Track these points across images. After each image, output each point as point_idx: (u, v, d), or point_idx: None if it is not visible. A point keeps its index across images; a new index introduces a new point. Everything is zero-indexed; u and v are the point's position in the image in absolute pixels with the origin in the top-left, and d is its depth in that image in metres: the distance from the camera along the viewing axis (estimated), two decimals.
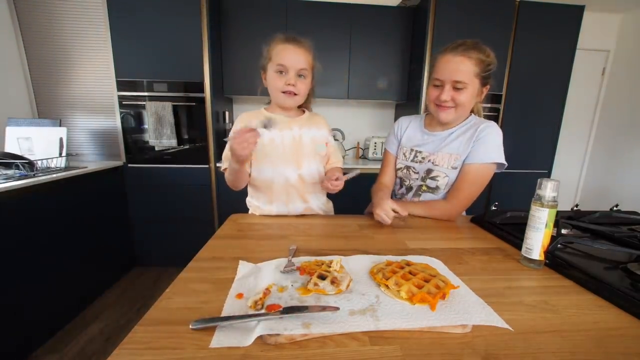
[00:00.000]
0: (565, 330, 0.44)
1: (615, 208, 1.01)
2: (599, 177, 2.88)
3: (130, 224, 2.20)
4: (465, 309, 0.46)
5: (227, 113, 2.28)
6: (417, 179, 1.01)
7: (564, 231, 0.78)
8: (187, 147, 2.12)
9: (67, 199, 1.69)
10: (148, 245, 2.24)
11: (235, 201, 2.11)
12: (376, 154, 2.47)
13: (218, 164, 2.14)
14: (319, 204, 1.06)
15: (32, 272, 1.48)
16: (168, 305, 0.48)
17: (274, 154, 0.96)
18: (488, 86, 0.90)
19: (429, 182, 0.97)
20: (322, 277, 0.51)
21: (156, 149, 2.09)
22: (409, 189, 1.04)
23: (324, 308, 0.43)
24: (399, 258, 0.62)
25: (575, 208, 0.98)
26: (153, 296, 1.91)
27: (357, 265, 0.60)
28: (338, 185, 0.92)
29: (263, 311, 0.44)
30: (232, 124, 2.47)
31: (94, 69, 2.17)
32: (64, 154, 1.84)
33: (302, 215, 0.98)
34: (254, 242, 0.74)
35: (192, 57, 1.98)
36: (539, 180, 0.63)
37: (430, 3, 2.05)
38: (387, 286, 0.50)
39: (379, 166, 1.17)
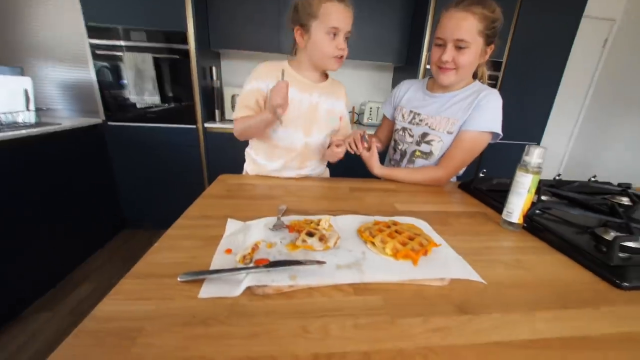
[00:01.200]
0: (533, 284, 0.48)
1: (593, 179, 1.05)
2: (585, 149, 2.96)
3: (116, 186, 2.15)
4: (445, 264, 0.49)
5: (214, 69, 2.15)
6: (412, 142, 1.00)
7: (543, 197, 0.81)
8: (172, 105, 2.02)
9: (40, 159, 1.59)
10: (138, 207, 2.22)
11: (225, 161, 2.10)
12: (371, 119, 2.42)
13: (206, 124, 2.07)
14: (317, 172, 1.06)
15: (10, 235, 1.43)
16: (156, 260, 0.48)
17: (288, 116, 0.92)
18: (493, 46, 0.87)
19: (423, 146, 0.97)
20: (311, 234, 0.52)
21: (138, 106, 1.99)
22: (403, 154, 1.04)
23: (310, 261, 0.44)
24: (386, 219, 0.64)
25: (557, 177, 1.01)
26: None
27: (346, 224, 0.61)
28: (339, 153, 0.91)
29: (251, 265, 0.45)
30: (221, 82, 2.38)
31: (57, 10, 1.93)
32: (31, 107, 1.69)
33: (293, 178, 0.97)
34: (243, 202, 0.74)
35: (173, 1, 1.81)
36: (526, 146, 0.64)
37: None
38: (373, 243, 0.52)
39: (374, 132, 1.19)
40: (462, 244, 0.59)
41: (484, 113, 0.88)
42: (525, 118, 2.35)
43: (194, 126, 2.07)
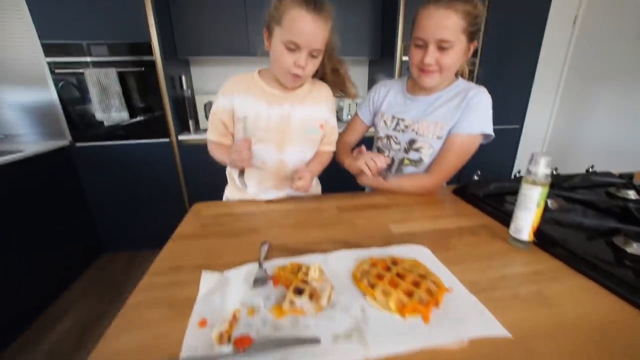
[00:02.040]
0: (564, 328, 0.41)
1: (591, 169, 1.00)
2: (565, 127, 2.96)
3: (89, 209, 2.01)
4: (461, 317, 0.41)
5: (183, 77, 2.01)
6: (399, 150, 0.93)
7: (549, 201, 0.76)
8: (142, 119, 1.89)
9: (3, 191, 1.46)
10: (114, 230, 2.08)
11: (204, 174, 1.98)
12: (351, 114, 2.35)
13: (180, 136, 1.94)
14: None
15: None
16: (113, 348, 0.39)
17: (257, 132, 0.84)
18: (475, 42, 0.80)
19: (411, 154, 0.89)
20: (299, 291, 0.44)
21: (106, 124, 1.84)
22: (390, 162, 0.96)
23: (302, 340, 0.36)
24: (383, 252, 0.57)
25: (555, 172, 0.96)
26: (125, 284, 1.82)
27: (339, 266, 0.53)
28: (301, 188, 0.81)
29: (230, 347, 0.37)
30: (192, 91, 2.25)
31: (7, 31, 1.76)
32: None
33: (274, 201, 0.87)
34: (220, 241, 0.65)
35: (134, 12, 1.67)
36: (531, 154, 0.57)
37: None
38: (373, 295, 0.44)
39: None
40: (473, 275, 0.52)
41: (474, 114, 0.82)
42: (506, 102, 2.32)
43: (167, 139, 1.94)
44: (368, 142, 1.00)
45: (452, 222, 0.72)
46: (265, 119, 0.83)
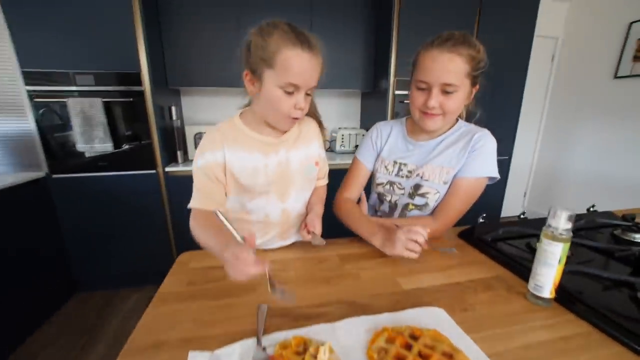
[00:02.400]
0: None
1: (592, 209, 0.99)
2: (549, 158, 3.07)
3: (65, 245, 1.86)
4: None
5: (173, 108, 1.97)
6: (403, 195, 0.89)
7: None
8: (127, 150, 1.81)
9: None
10: (91, 267, 1.91)
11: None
12: (344, 146, 2.35)
13: (167, 168, 1.86)
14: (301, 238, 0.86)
15: None
16: None
17: (257, 187, 0.76)
18: (477, 86, 0.80)
19: (417, 199, 0.85)
20: None
21: (87, 155, 1.75)
22: (393, 207, 0.92)
23: None
24: (398, 317, 0.51)
25: (591, 209, 0.95)
26: (101, 327, 1.65)
27: (349, 339, 0.46)
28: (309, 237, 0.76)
29: None
30: (182, 121, 2.20)
31: None
32: None
33: (273, 249, 0.80)
34: (211, 305, 0.57)
35: (124, 41, 1.64)
36: (550, 208, 0.54)
37: None
38: None
39: (348, 161, 1.02)
40: (496, 344, 0.47)
41: (480, 158, 0.80)
42: (495, 134, 2.37)
43: (153, 171, 1.85)
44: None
45: (463, 274, 0.67)
46: (264, 172, 0.77)
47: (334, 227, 0.86)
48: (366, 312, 0.53)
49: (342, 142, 2.33)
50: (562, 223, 0.52)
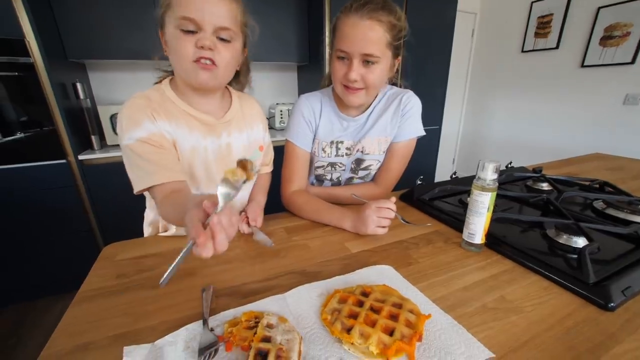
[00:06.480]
0: (534, 335, 0.41)
1: (509, 165, 1.13)
2: (472, 126, 3.42)
3: None
4: (445, 346, 0.38)
5: (79, 84, 1.66)
6: (345, 171, 0.89)
7: None
8: (22, 137, 1.49)
9: None
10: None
11: (116, 199, 1.67)
12: (283, 122, 2.28)
13: (80, 157, 1.60)
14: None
15: None
16: None
17: (196, 171, 0.68)
18: (399, 58, 0.76)
19: (360, 172, 0.87)
20: (263, 354, 0.35)
21: None
22: (336, 183, 0.92)
23: None
24: (348, 279, 0.51)
25: (509, 165, 1.06)
26: (15, 346, 1.41)
27: (302, 306, 0.45)
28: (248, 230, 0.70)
29: None
30: (93, 101, 1.88)
31: None
32: None
33: None
34: (146, 295, 0.50)
35: None
36: (479, 161, 0.58)
37: None
38: (351, 342, 0.37)
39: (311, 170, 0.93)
40: (439, 290, 0.50)
41: (411, 120, 0.83)
42: (426, 105, 2.52)
43: (63, 161, 1.57)
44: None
45: (406, 232, 0.71)
46: (203, 156, 0.68)
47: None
48: (317, 279, 0.52)
49: (282, 118, 2.26)
50: (489, 174, 0.57)
